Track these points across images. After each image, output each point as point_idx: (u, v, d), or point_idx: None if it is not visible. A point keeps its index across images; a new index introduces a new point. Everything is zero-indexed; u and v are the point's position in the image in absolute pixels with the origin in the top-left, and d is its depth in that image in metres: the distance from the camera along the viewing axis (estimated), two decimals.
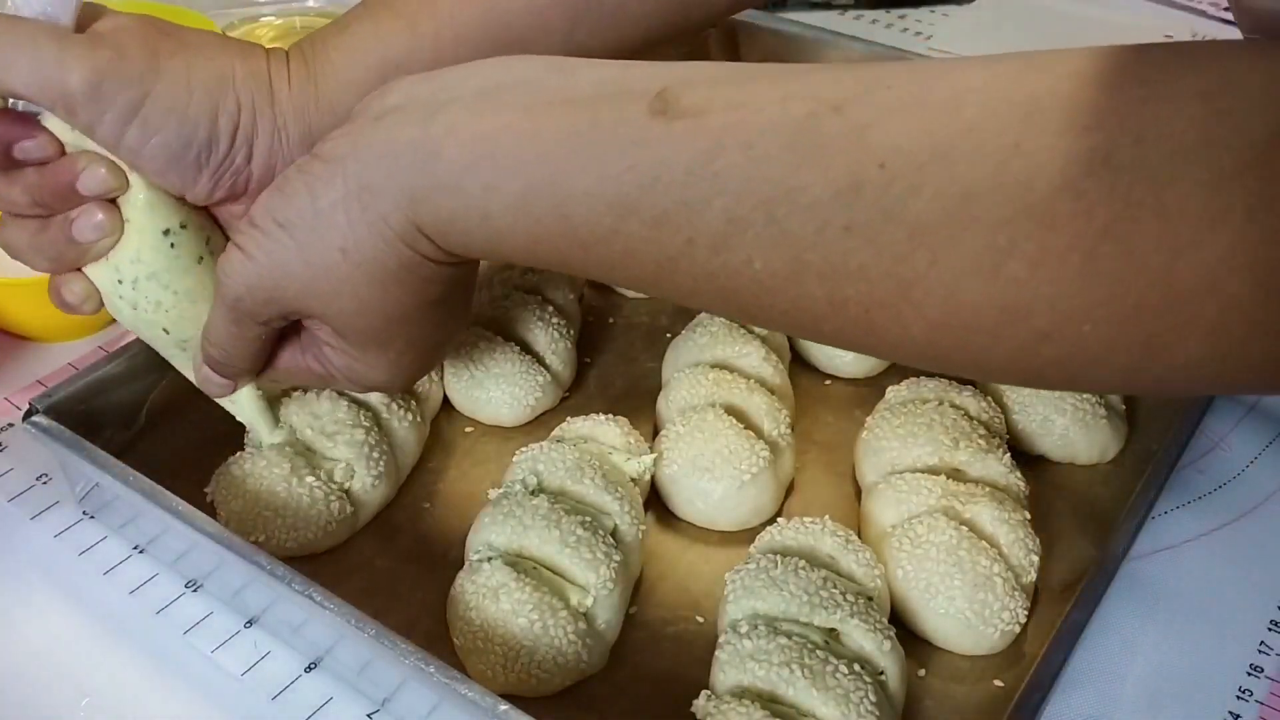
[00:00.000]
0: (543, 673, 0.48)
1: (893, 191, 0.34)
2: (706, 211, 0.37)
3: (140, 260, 0.50)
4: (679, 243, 0.38)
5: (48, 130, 0.48)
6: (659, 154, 0.37)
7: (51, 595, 0.53)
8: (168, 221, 0.50)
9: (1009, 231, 0.32)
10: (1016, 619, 0.51)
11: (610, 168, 0.38)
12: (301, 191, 0.43)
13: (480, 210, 0.41)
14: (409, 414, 0.59)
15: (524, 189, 0.40)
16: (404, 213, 0.42)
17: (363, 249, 0.43)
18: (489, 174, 0.40)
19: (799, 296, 0.37)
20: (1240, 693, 0.51)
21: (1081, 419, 0.60)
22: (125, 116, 0.47)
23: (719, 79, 0.38)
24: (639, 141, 0.38)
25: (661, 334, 0.69)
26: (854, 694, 0.45)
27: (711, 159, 0.36)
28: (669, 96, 0.38)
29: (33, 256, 0.50)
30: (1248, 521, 0.59)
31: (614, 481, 0.54)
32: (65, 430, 0.54)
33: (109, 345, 0.67)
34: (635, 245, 0.39)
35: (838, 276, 0.35)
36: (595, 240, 0.39)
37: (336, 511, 0.54)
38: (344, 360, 0.48)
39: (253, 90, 0.50)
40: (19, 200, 0.49)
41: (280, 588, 0.47)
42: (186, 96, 0.48)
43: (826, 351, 0.66)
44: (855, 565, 0.51)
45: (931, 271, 0.34)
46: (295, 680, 0.50)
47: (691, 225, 0.37)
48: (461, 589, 0.50)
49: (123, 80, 0.46)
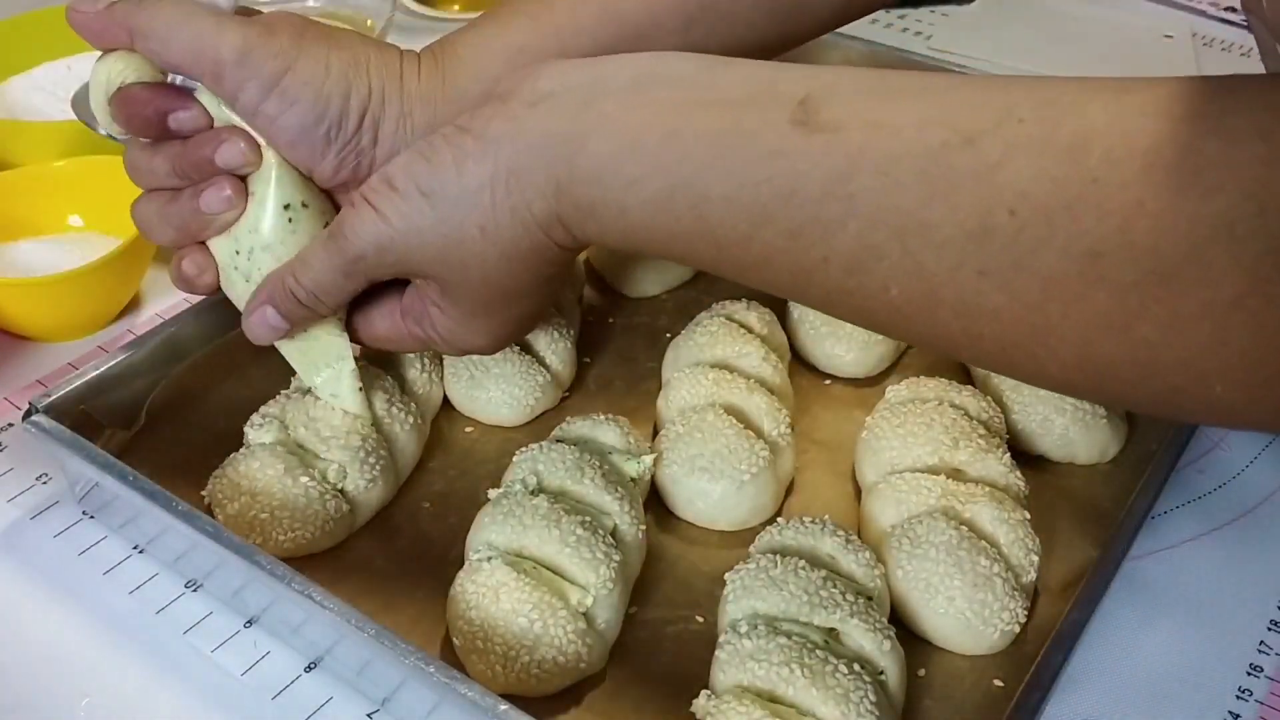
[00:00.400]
0: (543, 673, 0.48)
1: (1023, 240, 0.34)
2: (841, 232, 0.37)
3: (258, 231, 0.52)
4: (815, 259, 0.39)
5: (200, 104, 0.52)
6: (797, 167, 0.38)
7: (51, 595, 0.53)
8: (290, 197, 0.52)
9: (1138, 294, 0.33)
10: (1016, 619, 0.51)
11: (749, 176, 0.39)
12: (450, 164, 0.45)
13: (619, 204, 0.42)
14: (409, 416, 0.59)
15: (664, 187, 0.41)
16: (548, 201, 0.44)
17: (501, 230, 0.45)
18: (631, 169, 0.41)
19: (934, 325, 0.38)
20: (1240, 693, 0.51)
21: (1081, 419, 0.60)
22: (267, 86, 0.50)
23: (862, 89, 0.39)
24: (778, 151, 0.38)
25: (661, 334, 0.69)
26: (854, 694, 0.45)
27: (847, 180, 0.37)
28: (811, 106, 0.38)
29: (160, 227, 0.53)
30: (1248, 521, 0.59)
31: (614, 481, 0.54)
32: (65, 430, 0.54)
33: (109, 345, 0.67)
34: (771, 254, 0.40)
35: (972, 315, 0.36)
36: (731, 243, 0.40)
37: (333, 510, 0.54)
38: (449, 324, 0.50)
39: (384, 77, 0.52)
40: (160, 170, 0.52)
41: (280, 587, 0.47)
42: (324, 74, 0.51)
43: (826, 351, 0.66)
44: (855, 565, 0.51)
45: (1064, 323, 0.35)
46: (295, 680, 0.50)
47: (826, 244, 0.38)
48: (461, 589, 0.50)
49: (268, 53, 0.50)
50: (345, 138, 0.52)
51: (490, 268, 0.46)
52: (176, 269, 0.54)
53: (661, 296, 0.72)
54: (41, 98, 0.82)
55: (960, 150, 0.36)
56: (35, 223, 0.71)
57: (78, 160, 0.72)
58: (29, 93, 0.82)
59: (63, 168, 0.72)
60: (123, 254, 0.65)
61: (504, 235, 0.45)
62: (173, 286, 0.56)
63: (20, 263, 0.69)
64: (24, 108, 0.81)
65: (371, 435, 0.57)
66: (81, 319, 0.68)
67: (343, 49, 0.52)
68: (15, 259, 0.69)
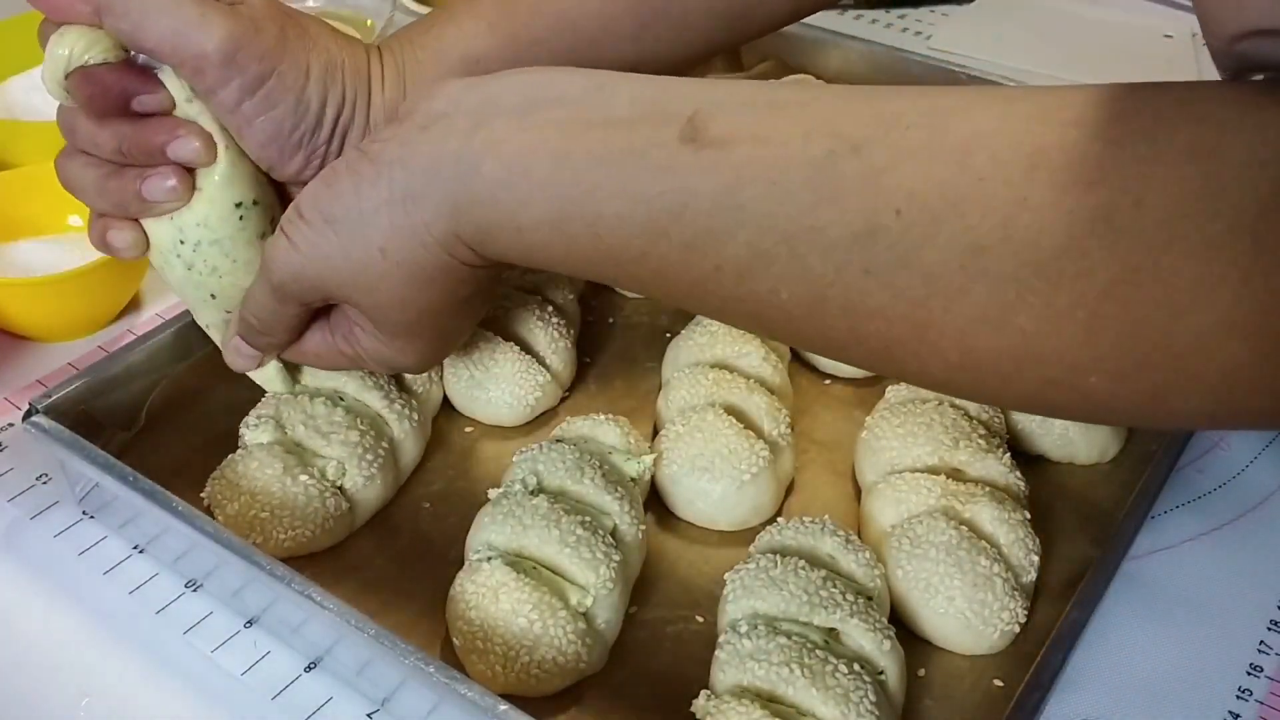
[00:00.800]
0: (543, 673, 0.48)
1: (908, 239, 0.35)
2: (731, 242, 0.38)
3: (207, 226, 0.52)
4: (707, 268, 0.39)
5: (165, 88, 0.50)
6: (687, 183, 0.39)
7: (51, 595, 0.53)
8: (242, 195, 0.52)
9: (1016, 286, 0.34)
10: (1016, 619, 0.51)
11: (641, 193, 0.40)
12: (349, 191, 0.45)
13: (515, 224, 0.42)
14: (410, 414, 0.59)
15: (558, 208, 0.41)
16: (445, 222, 0.44)
17: (402, 251, 0.45)
18: (524, 191, 0.42)
19: (823, 327, 0.38)
20: (1240, 692, 0.51)
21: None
22: (250, 88, 0.49)
23: (749, 104, 0.40)
24: (668, 168, 0.39)
25: (661, 334, 0.69)
26: (854, 693, 0.45)
27: (735, 192, 0.38)
28: (699, 123, 0.39)
29: (94, 197, 0.52)
30: (1248, 521, 0.59)
31: (614, 481, 0.54)
32: (65, 430, 0.54)
33: (109, 345, 0.67)
34: (666, 267, 0.40)
35: (858, 314, 0.37)
36: (628, 259, 0.41)
37: (332, 508, 0.54)
38: (374, 344, 0.51)
39: (356, 85, 0.52)
40: (105, 144, 0.50)
41: (280, 587, 0.47)
42: (304, 80, 0.50)
43: None
44: (855, 565, 0.51)
45: (945, 318, 0.35)
46: (295, 680, 0.50)
47: (718, 253, 0.39)
48: (461, 589, 0.50)
49: (254, 53, 0.49)
50: (317, 143, 0.52)
51: (399, 289, 0.46)
52: (100, 237, 0.53)
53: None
54: (41, 98, 0.82)
55: (847, 158, 0.36)
56: (35, 223, 0.71)
57: None
58: (29, 93, 0.82)
59: None
60: None
61: (405, 256, 0.45)
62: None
63: (20, 263, 0.69)
64: (24, 108, 0.81)
65: (370, 432, 0.57)
66: (81, 319, 0.68)
67: (319, 50, 0.51)
68: (15, 259, 0.69)
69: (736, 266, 0.38)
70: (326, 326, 0.53)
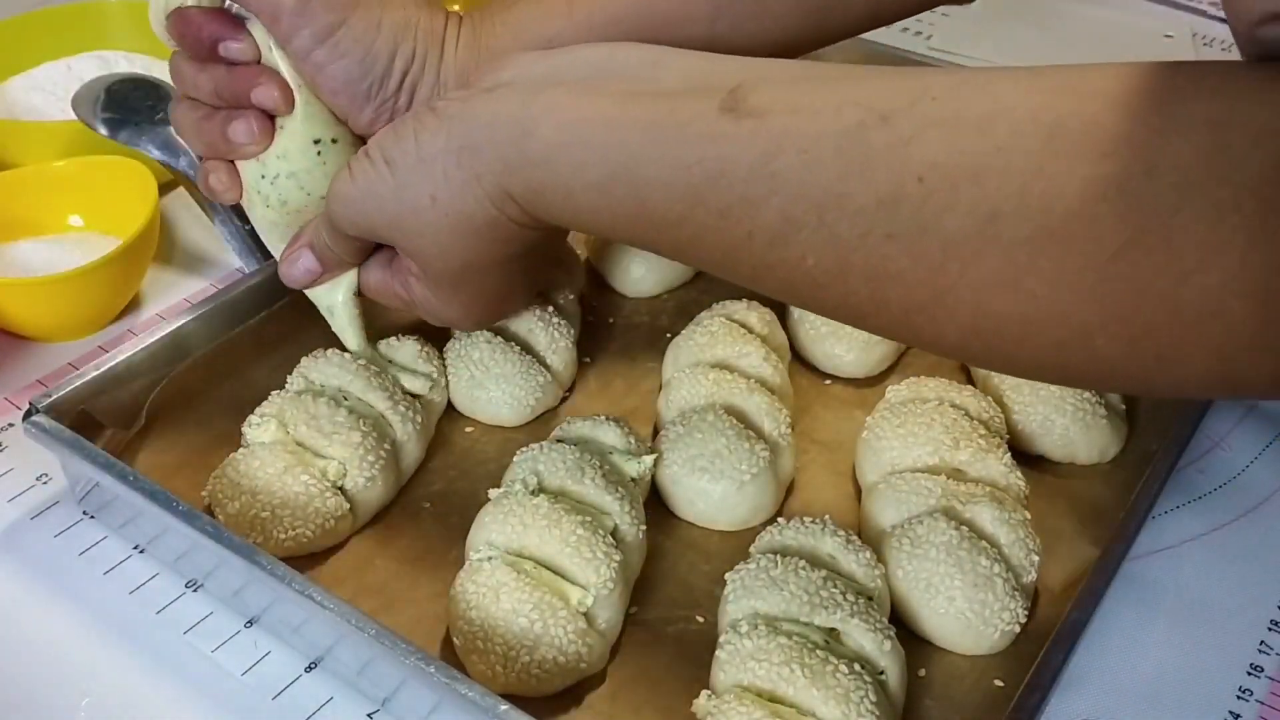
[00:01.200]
0: (543, 672, 0.48)
1: (929, 206, 0.36)
2: (765, 208, 0.40)
3: (286, 158, 0.57)
4: (740, 235, 0.41)
5: (252, 36, 0.55)
6: (725, 151, 0.40)
7: (51, 595, 0.53)
8: (320, 133, 0.57)
9: (1028, 250, 0.35)
10: (1016, 619, 0.51)
11: (682, 159, 0.42)
12: (409, 137, 0.49)
13: (566, 187, 0.45)
14: (414, 417, 0.59)
15: (606, 172, 0.44)
16: (497, 177, 0.47)
17: (452, 201, 0.48)
18: (578, 155, 0.44)
19: (846, 293, 0.40)
20: (1240, 692, 0.51)
21: (1081, 419, 0.60)
22: (320, 36, 0.53)
23: (789, 78, 0.42)
24: (708, 137, 0.41)
25: (661, 334, 0.69)
26: (854, 693, 0.45)
27: (770, 160, 0.39)
28: (739, 95, 0.41)
29: (192, 137, 0.58)
30: (1248, 521, 0.59)
31: (614, 481, 0.54)
32: (65, 430, 0.54)
33: (109, 345, 0.67)
34: (703, 233, 0.42)
35: (879, 279, 0.38)
36: (668, 224, 0.43)
37: (333, 508, 0.54)
38: (423, 293, 0.54)
39: (428, 44, 0.56)
40: (203, 88, 0.56)
41: (280, 587, 0.47)
42: (375, 33, 0.54)
43: (826, 351, 0.66)
44: (855, 565, 0.51)
45: (961, 282, 0.37)
46: (295, 680, 0.50)
47: (751, 220, 0.40)
48: (462, 589, 0.50)
49: (327, 4, 0.53)
50: (384, 96, 0.55)
51: (444, 238, 0.49)
52: (204, 180, 0.59)
53: (662, 296, 0.72)
54: (41, 98, 0.82)
55: (876, 128, 0.38)
56: (35, 223, 0.71)
57: (78, 160, 0.72)
58: (29, 93, 0.82)
59: (63, 168, 0.72)
60: (123, 254, 0.65)
61: (455, 206, 0.48)
62: (173, 286, 0.56)
63: (20, 263, 0.69)
64: (24, 108, 0.82)
65: (373, 434, 0.57)
66: (81, 319, 0.68)
67: (395, 8, 0.55)
68: (15, 259, 0.69)
69: (768, 233, 0.40)
70: (389, 266, 0.56)
